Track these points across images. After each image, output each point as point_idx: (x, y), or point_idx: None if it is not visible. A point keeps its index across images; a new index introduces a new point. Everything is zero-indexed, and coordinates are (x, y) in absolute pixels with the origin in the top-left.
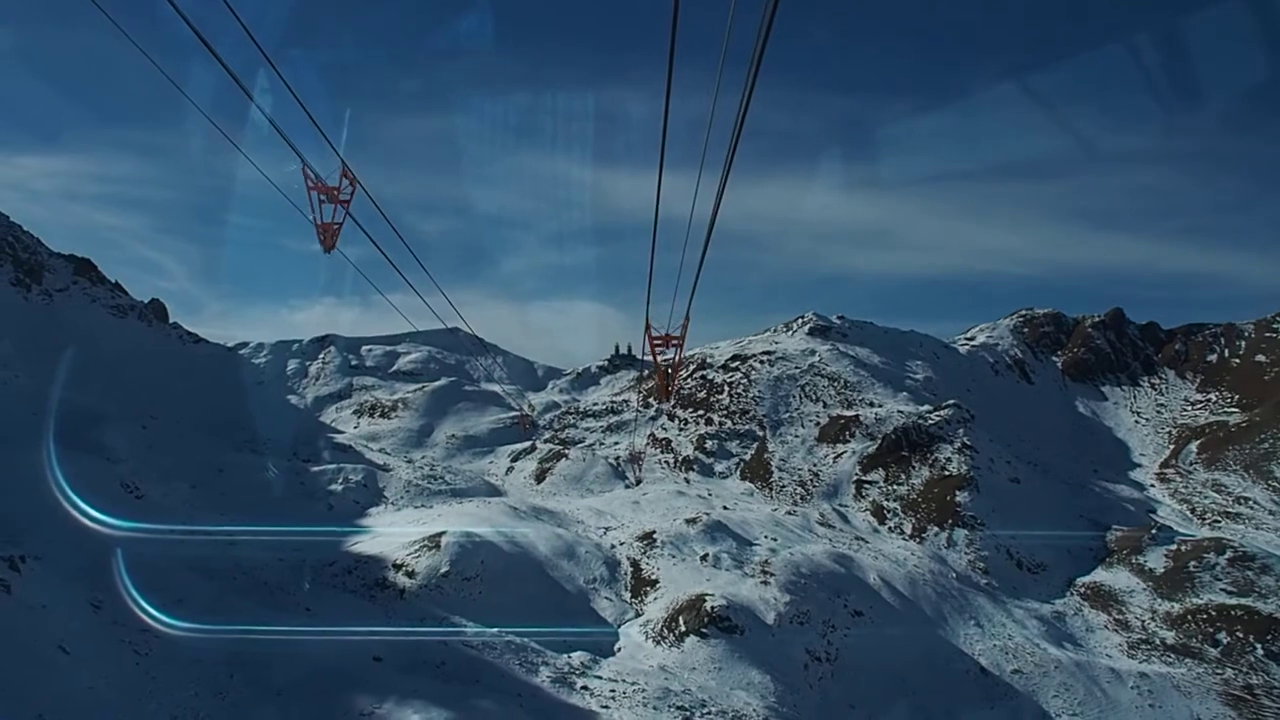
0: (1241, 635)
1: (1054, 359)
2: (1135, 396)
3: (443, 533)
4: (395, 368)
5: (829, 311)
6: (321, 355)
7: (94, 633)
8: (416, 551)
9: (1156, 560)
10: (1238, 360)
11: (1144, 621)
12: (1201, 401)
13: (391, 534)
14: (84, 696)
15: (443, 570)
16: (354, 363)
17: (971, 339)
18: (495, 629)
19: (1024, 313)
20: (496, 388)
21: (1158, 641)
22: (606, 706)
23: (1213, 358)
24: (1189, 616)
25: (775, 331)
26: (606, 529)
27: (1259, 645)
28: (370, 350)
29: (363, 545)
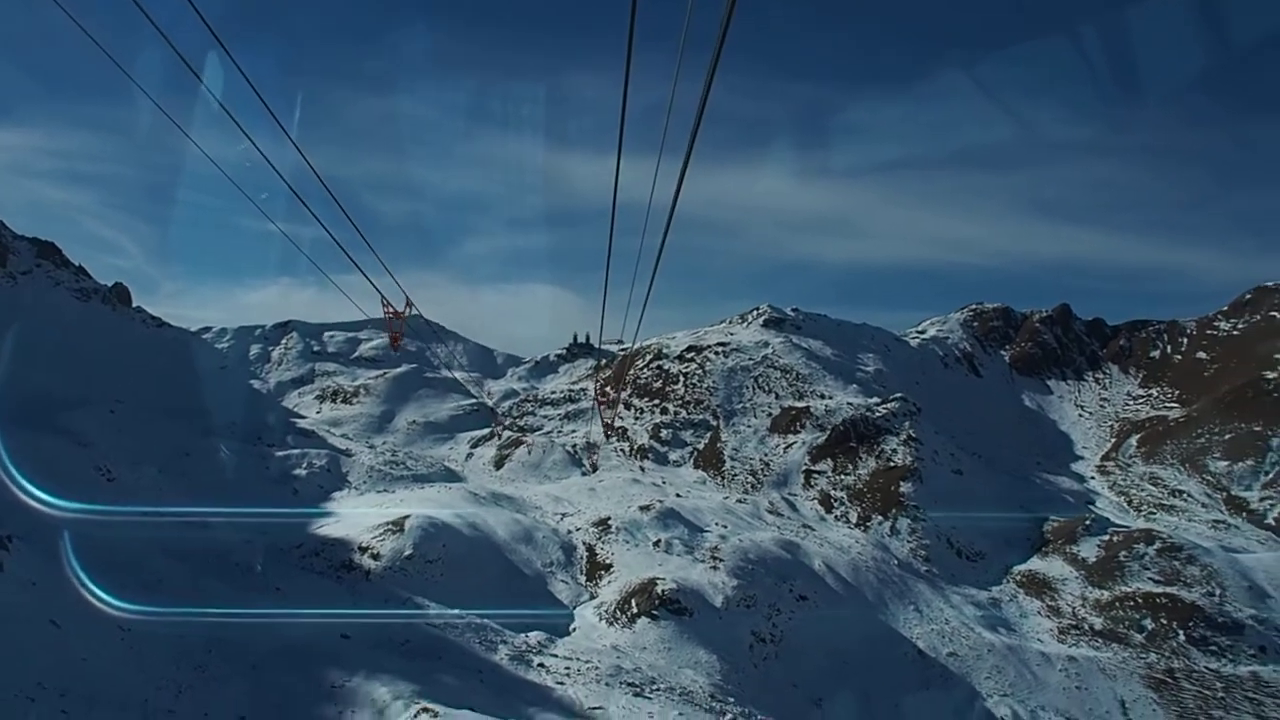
0: (1165, 622)
1: (1002, 353)
2: (1080, 391)
3: (406, 517)
4: (357, 354)
5: (788, 301)
6: (284, 341)
7: (79, 609)
8: (381, 535)
9: (1089, 550)
10: (1179, 357)
11: (1075, 608)
12: (1143, 396)
13: (356, 517)
14: (77, 667)
15: (406, 553)
16: (316, 348)
17: (922, 332)
18: (456, 610)
19: (974, 307)
20: (457, 375)
21: (1087, 627)
22: (561, 683)
23: (1155, 354)
24: (1117, 603)
25: (731, 323)
26: (563, 515)
27: (1181, 631)
28: (332, 336)
29: (329, 528)
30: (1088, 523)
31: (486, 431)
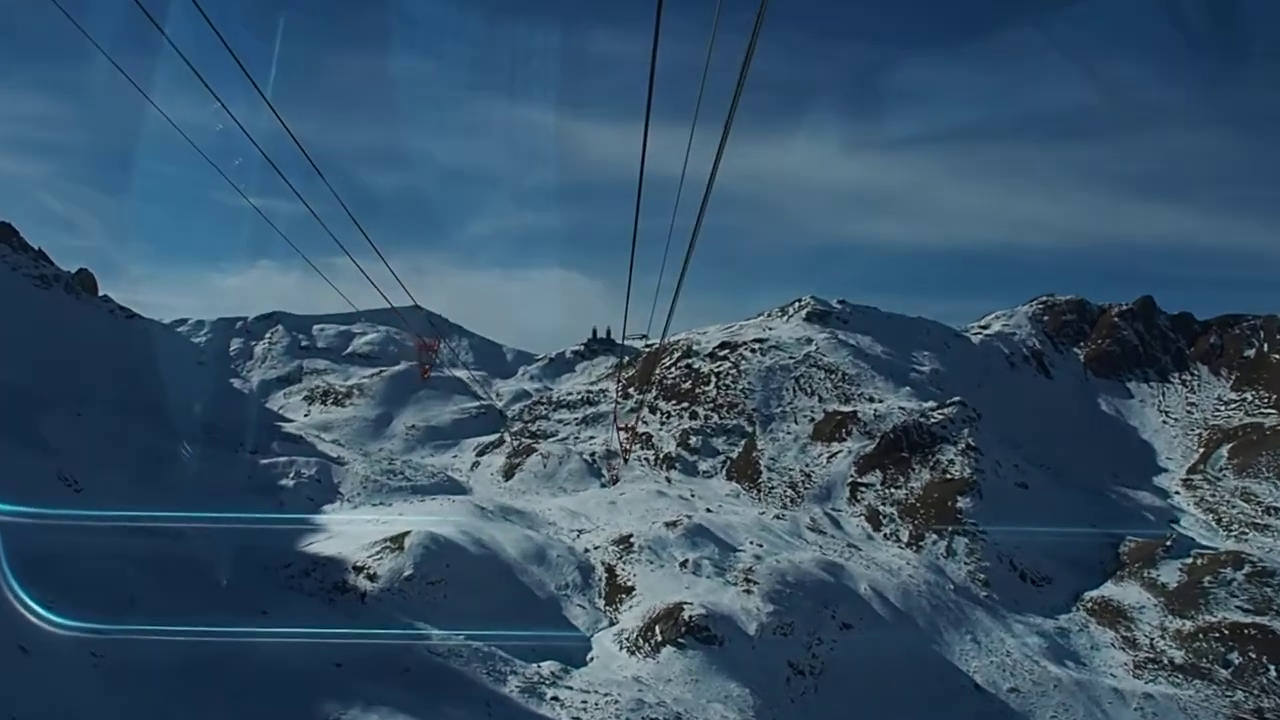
0: (1255, 656)
1: (1076, 351)
2: (1164, 394)
3: (406, 533)
4: (350, 350)
5: (834, 291)
6: (268, 335)
7: (48, 633)
8: (378, 553)
9: (1170, 574)
10: (1278, 356)
11: (1153, 639)
12: (1236, 401)
13: (350, 533)
14: (50, 695)
15: (406, 573)
16: (304, 343)
17: (986, 327)
18: (462, 635)
19: (1044, 299)
20: (461, 374)
21: (1166, 661)
22: (578, 718)
23: (1250, 353)
24: (1200, 635)
25: (769, 316)
26: (580, 531)
27: (1272, 667)
28: (322, 330)
29: (319, 545)
30: (1169, 543)
31: (494, 438)
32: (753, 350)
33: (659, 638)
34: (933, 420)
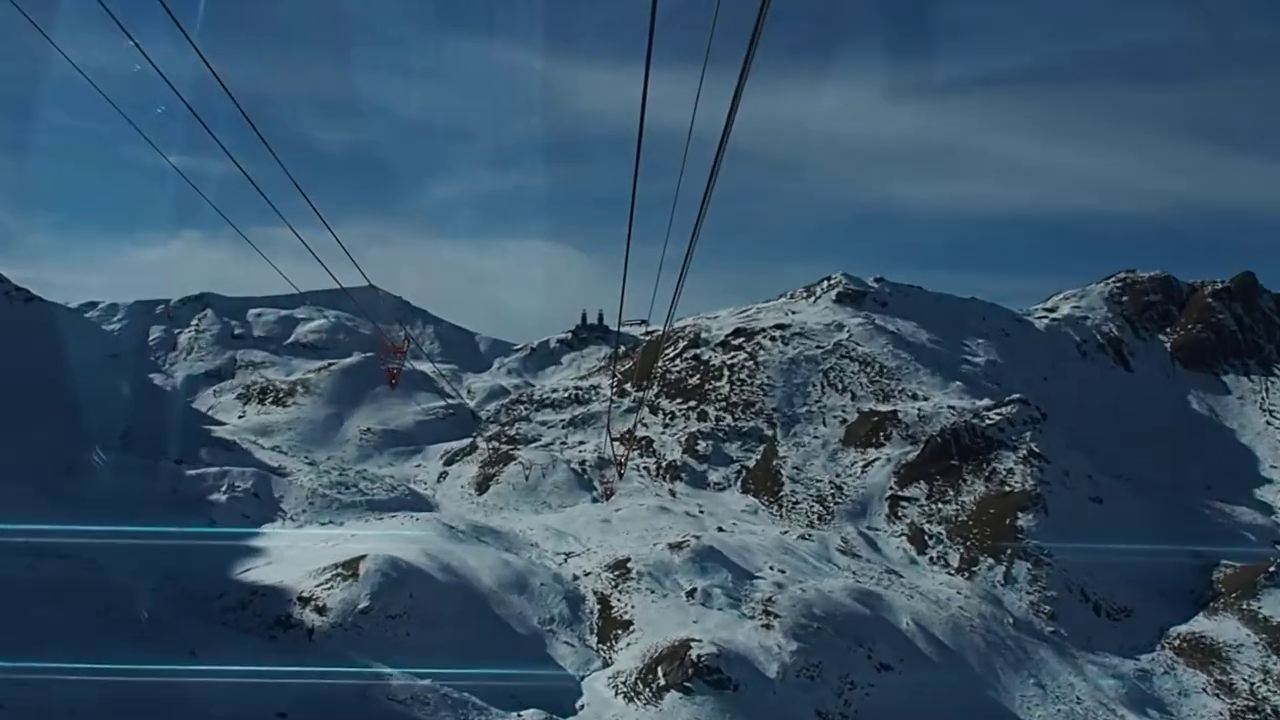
0: None
1: (1161, 338)
2: (1267, 389)
3: (361, 558)
4: (293, 339)
5: (870, 267)
6: (195, 321)
7: None
8: (328, 582)
9: (1275, 606)
10: None
11: (1253, 684)
12: None
13: (294, 558)
14: None
15: (362, 605)
16: (238, 331)
17: (1053, 310)
18: (428, 678)
19: (1123, 276)
20: (426, 368)
21: (1269, 709)
22: None
23: None
24: None
25: (792, 297)
26: (568, 555)
27: None
28: (259, 315)
29: (258, 572)
30: (1273, 569)
31: (465, 443)
32: (773, 338)
33: (661, 681)
34: (988, 422)
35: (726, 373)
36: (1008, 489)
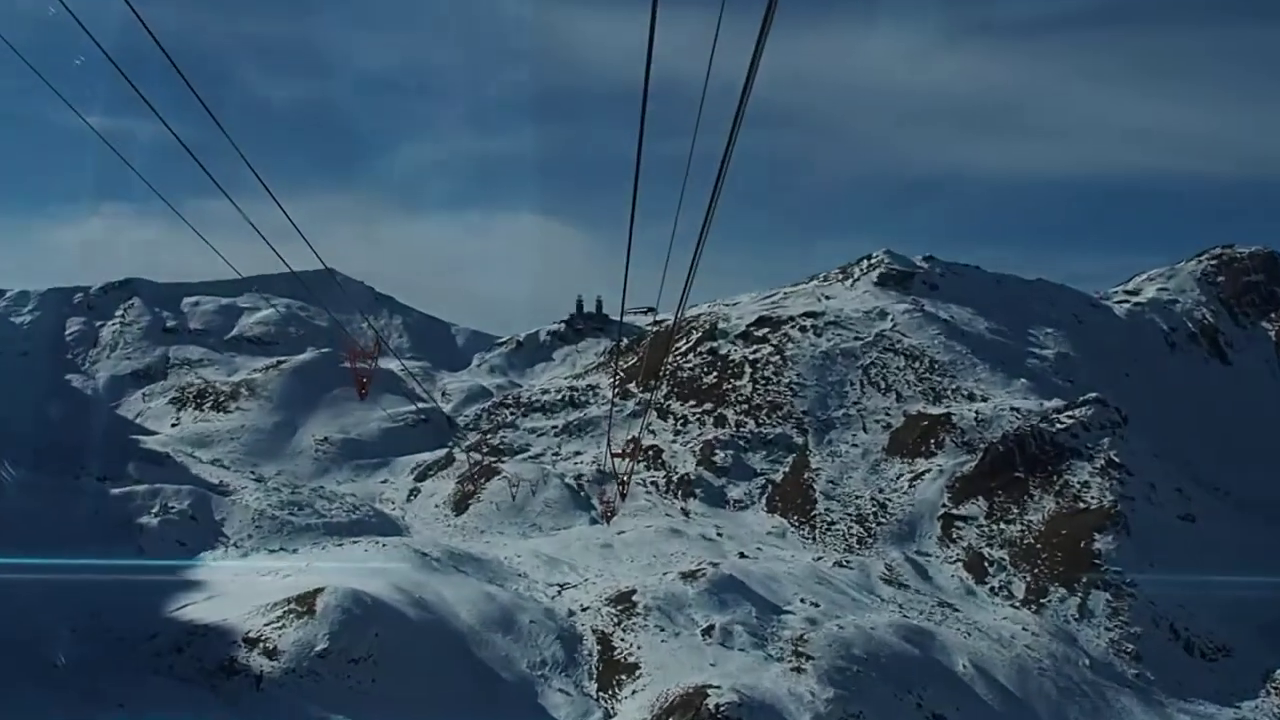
0: None
1: (1265, 325)
2: None
3: (318, 592)
4: (235, 332)
5: (918, 244)
6: (120, 311)
7: None
8: (279, 620)
9: None
10: None
11: None
12: None
13: (239, 592)
14: None
15: (319, 648)
16: (170, 323)
17: (1135, 293)
18: None
19: (1220, 252)
20: (394, 366)
21: None
22: None
23: None
24: None
25: (826, 280)
26: (562, 587)
27: None
28: (196, 304)
29: (197, 609)
30: None
31: (441, 455)
32: (803, 329)
33: None
34: (1059, 426)
35: (749, 369)
36: (1082, 506)
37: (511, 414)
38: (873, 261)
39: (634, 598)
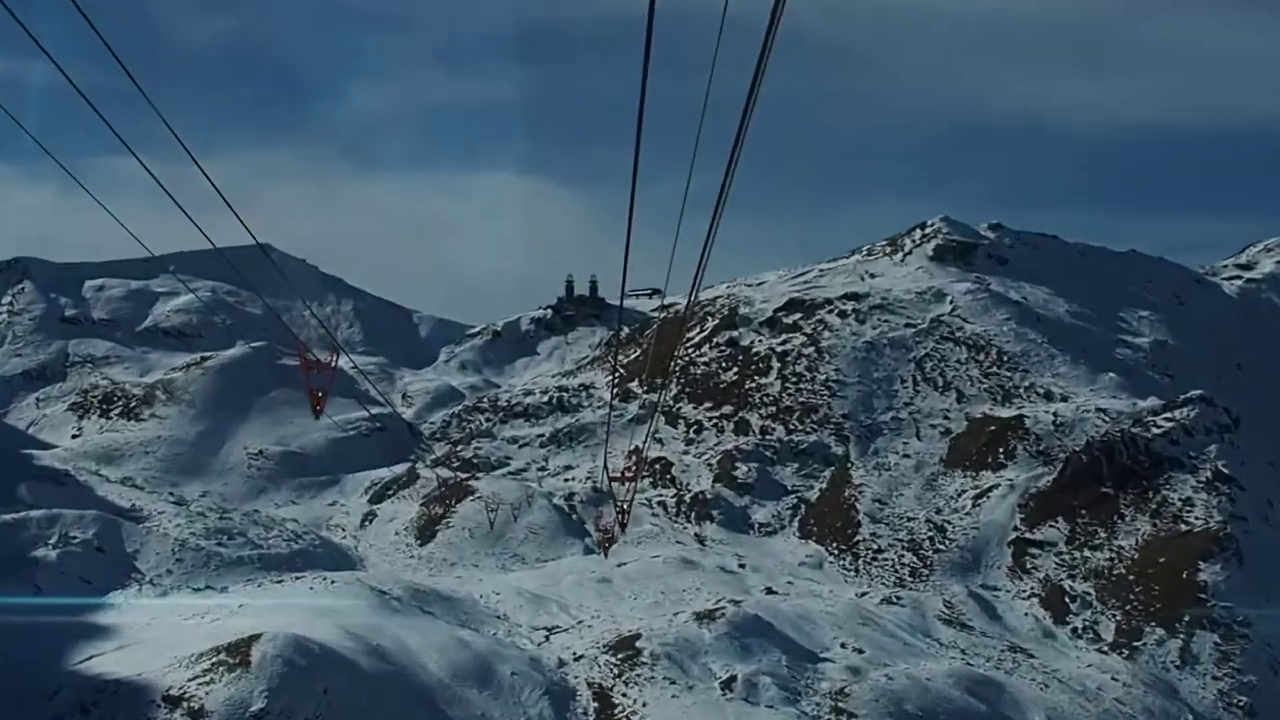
0: None
1: None
2: None
3: (253, 639)
4: (149, 322)
5: (977, 210)
6: (8, 298)
7: None
8: (206, 674)
9: None
10: None
11: None
12: None
13: (158, 639)
14: None
15: (255, 707)
16: (69, 311)
17: (1248, 266)
18: None
19: None
20: (343, 363)
21: None
22: None
23: None
24: None
25: (870, 254)
26: (551, 631)
27: None
28: (101, 289)
29: (106, 659)
30: None
31: (401, 471)
32: (843, 314)
33: None
34: (1156, 431)
35: (776, 364)
36: (1185, 528)
37: (487, 420)
38: (927, 231)
39: (638, 644)
